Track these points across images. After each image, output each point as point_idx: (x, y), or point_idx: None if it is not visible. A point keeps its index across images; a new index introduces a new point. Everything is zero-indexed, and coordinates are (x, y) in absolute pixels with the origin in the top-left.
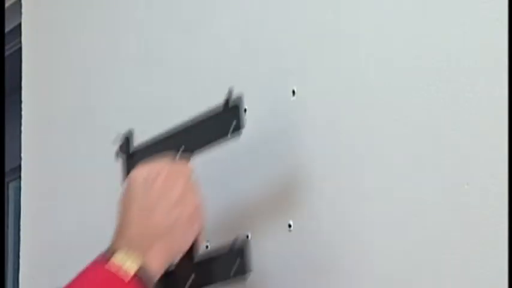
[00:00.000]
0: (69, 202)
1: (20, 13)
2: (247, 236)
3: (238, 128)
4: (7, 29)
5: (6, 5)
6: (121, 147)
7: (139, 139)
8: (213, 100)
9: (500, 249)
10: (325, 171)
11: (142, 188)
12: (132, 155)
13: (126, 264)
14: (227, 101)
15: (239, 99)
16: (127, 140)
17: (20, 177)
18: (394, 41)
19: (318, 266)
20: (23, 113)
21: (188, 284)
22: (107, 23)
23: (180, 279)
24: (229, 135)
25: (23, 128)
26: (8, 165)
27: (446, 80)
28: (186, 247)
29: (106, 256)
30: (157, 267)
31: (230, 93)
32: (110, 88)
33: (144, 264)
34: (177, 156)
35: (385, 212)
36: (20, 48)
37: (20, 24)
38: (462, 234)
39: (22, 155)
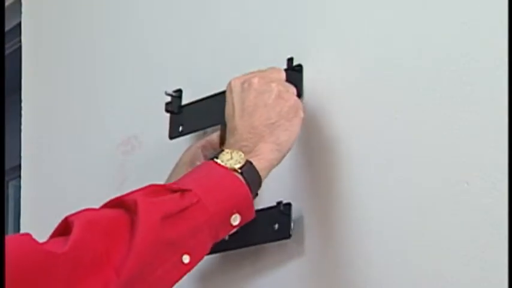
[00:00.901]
0: (69, 201)
1: (20, 12)
2: (290, 203)
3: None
4: (7, 27)
5: (6, 3)
6: (170, 103)
7: (138, 138)
8: None
9: (500, 249)
10: (323, 169)
11: (240, 94)
12: (179, 112)
13: (229, 162)
14: (289, 66)
15: (300, 67)
16: (176, 97)
17: (19, 176)
18: (394, 41)
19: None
20: (22, 112)
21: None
22: (107, 22)
23: None
24: None
25: (22, 127)
26: (8, 164)
27: (446, 80)
28: (293, 138)
29: (211, 157)
30: (263, 164)
31: (291, 60)
32: (109, 87)
33: (248, 163)
34: None
35: (385, 211)
36: (20, 47)
37: (20, 23)
38: (462, 234)
39: (22, 153)
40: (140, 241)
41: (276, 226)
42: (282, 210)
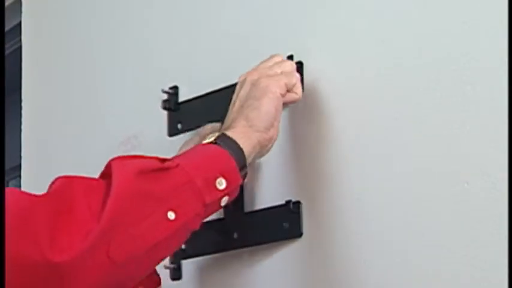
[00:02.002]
0: None
1: (20, 12)
2: (300, 202)
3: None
4: (7, 27)
5: (7, 3)
6: (166, 101)
7: (138, 138)
8: None
9: (500, 249)
10: (322, 168)
11: (239, 87)
12: (176, 109)
13: (205, 141)
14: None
15: (300, 64)
16: (172, 94)
17: (19, 176)
18: (394, 40)
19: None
20: (23, 112)
21: (237, 233)
22: (106, 22)
23: (230, 226)
24: None
25: (22, 127)
26: (8, 164)
27: (446, 79)
28: (265, 115)
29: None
30: (236, 135)
31: (291, 57)
32: (109, 87)
33: (221, 134)
34: None
35: (385, 211)
36: (20, 47)
37: (20, 23)
38: (462, 234)
39: (22, 153)
40: (115, 190)
41: (286, 225)
42: (292, 209)
